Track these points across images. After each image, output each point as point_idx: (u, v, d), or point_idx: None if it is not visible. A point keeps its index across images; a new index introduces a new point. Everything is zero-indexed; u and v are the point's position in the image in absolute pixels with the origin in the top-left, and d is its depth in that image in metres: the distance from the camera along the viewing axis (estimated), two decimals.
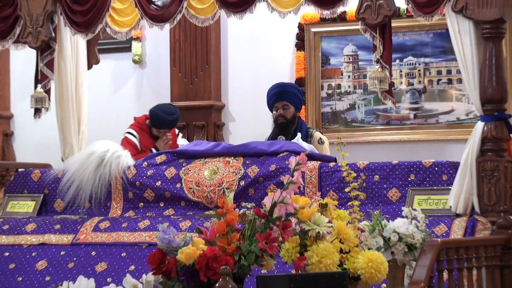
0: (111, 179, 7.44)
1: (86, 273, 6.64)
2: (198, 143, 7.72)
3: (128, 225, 7.07)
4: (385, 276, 5.03)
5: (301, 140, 7.61)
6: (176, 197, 7.22)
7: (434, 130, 9.14)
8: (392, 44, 6.91)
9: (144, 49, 10.17)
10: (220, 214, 4.85)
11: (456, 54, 6.59)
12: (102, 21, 7.59)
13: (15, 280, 6.98)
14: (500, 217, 6.21)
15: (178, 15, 7.40)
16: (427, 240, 5.52)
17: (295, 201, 4.88)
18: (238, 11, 7.25)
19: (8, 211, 7.76)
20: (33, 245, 7.19)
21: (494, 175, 6.39)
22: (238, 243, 4.74)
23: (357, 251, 4.99)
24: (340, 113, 9.47)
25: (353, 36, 9.30)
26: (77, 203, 7.49)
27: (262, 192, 6.89)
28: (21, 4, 7.73)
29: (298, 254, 4.88)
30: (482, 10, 6.41)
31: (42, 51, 7.83)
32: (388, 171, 6.78)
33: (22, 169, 8.09)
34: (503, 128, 6.47)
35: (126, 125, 9.89)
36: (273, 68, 9.55)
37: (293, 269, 4.90)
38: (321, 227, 4.90)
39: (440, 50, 9.12)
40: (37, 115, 7.98)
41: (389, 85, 6.89)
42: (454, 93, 9.10)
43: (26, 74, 9.08)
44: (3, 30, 7.84)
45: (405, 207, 5.72)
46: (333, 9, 7.03)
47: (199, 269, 4.70)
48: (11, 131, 10.57)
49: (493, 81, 6.43)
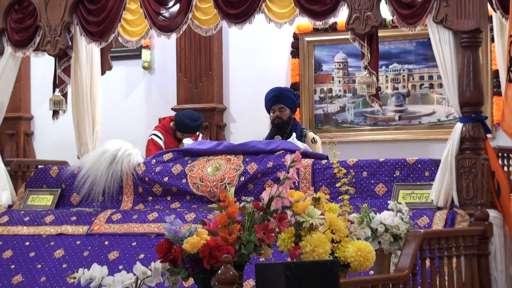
0: (122, 175, 7.44)
1: (100, 261, 6.65)
2: (202, 142, 7.72)
3: (138, 217, 7.07)
4: (372, 263, 5.03)
5: (296, 140, 7.60)
6: (182, 192, 7.22)
7: (417, 130, 9.14)
8: (378, 52, 6.90)
9: (153, 57, 10.17)
10: (222, 207, 4.85)
11: (437, 61, 6.59)
12: (114, 31, 7.59)
13: (34, 267, 6.98)
14: (477, 210, 6.22)
15: (184, 26, 7.40)
16: (411, 231, 5.52)
17: (290, 195, 4.88)
18: (238, 22, 7.25)
19: (29, 204, 7.76)
20: (51, 235, 7.19)
21: (472, 172, 6.39)
22: (238, 234, 4.74)
23: (347, 241, 4.99)
24: (331, 115, 9.47)
25: (343, 45, 9.30)
26: (91, 197, 7.49)
27: (261, 187, 6.89)
28: (40, 15, 7.72)
29: (293, 244, 4.88)
30: (460, 21, 6.41)
31: (60, 58, 7.82)
32: (375, 168, 6.78)
33: (42, 166, 8.09)
34: (480, 129, 6.47)
35: (137, 125, 9.93)
36: (270, 73, 9.54)
37: (288, 258, 4.90)
38: (314, 219, 4.89)
39: (422, 57, 9.12)
40: (55, 116, 7.97)
41: (376, 90, 6.89)
42: (435, 96, 9.10)
43: (45, 79, 9.07)
44: (24, 39, 7.84)
45: (391, 201, 5.73)
46: (325, 20, 7.03)
47: (202, 257, 4.70)
48: (32, 131, 10.56)
49: (470, 86, 6.43)
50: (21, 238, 7.26)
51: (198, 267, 4.75)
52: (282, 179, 4.86)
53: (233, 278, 4.36)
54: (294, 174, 4.90)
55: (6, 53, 7.90)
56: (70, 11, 7.65)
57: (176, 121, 8.49)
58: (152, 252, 6.12)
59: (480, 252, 6.19)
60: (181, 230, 4.88)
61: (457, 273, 5.95)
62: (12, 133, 10.38)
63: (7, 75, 7.94)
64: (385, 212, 5.58)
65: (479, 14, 6.38)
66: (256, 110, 9.10)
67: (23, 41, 7.84)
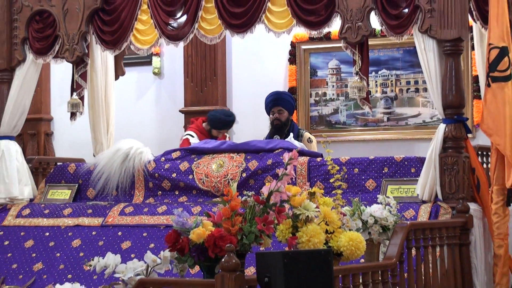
0: (134, 171, 7.44)
1: (114, 250, 6.64)
2: (207, 142, 7.71)
3: (148, 210, 7.07)
4: (363, 252, 5.02)
5: (293, 139, 7.60)
6: (189, 187, 7.22)
7: (404, 130, 9.12)
8: (369, 59, 6.91)
9: (162, 63, 10.16)
10: (225, 201, 4.85)
11: (422, 67, 6.59)
12: (127, 39, 7.59)
13: (54, 255, 6.98)
14: (459, 203, 6.22)
15: (191, 35, 7.40)
16: (398, 223, 5.52)
17: (288, 190, 4.88)
18: (241, 31, 7.25)
19: (49, 198, 7.76)
20: (69, 227, 7.19)
21: (454, 168, 6.39)
22: (240, 225, 4.73)
23: (340, 232, 4.99)
24: (325, 116, 9.46)
25: (336, 52, 9.29)
26: (106, 192, 7.49)
27: (261, 182, 6.89)
28: (59, 25, 7.72)
29: (290, 234, 4.88)
30: (443, 31, 6.41)
31: (77, 64, 7.83)
32: (365, 165, 6.78)
33: (60, 163, 8.09)
34: (461, 129, 6.47)
35: (147, 126, 9.93)
36: (270, 78, 9.53)
37: (286, 247, 4.90)
38: (310, 211, 4.89)
39: (409, 64, 9.11)
40: (72, 118, 7.98)
41: (367, 93, 6.89)
42: (420, 100, 9.09)
43: (63, 83, 9.07)
44: (45, 47, 7.84)
45: (380, 195, 5.73)
46: (320, 30, 7.04)
47: (207, 246, 4.70)
48: (51, 131, 10.56)
49: (453, 90, 6.44)
50: (42, 229, 7.26)
51: (204, 255, 4.74)
52: (280, 175, 4.86)
53: (236, 265, 4.36)
54: (292, 171, 4.90)
55: (28, 60, 7.90)
56: (87, 22, 7.65)
57: (211, 120, 8.40)
58: (162, 242, 6.12)
59: (461, 242, 6.19)
60: (188, 222, 4.88)
61: (440, 261, 5.95)
62: (34, 133, 10.38)
63: (29, 80, 7.94)
64: (374, 205, 5.58)
65: (461, 24, 6.39)
66: (256, 112, 9.09)
67: (44, 49, 7.85)
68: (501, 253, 6.21)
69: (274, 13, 7.09)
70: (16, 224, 7.41)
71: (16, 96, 7.88)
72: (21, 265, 7.00)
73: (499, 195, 6.27)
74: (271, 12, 7.09)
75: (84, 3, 7.65)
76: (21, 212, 7.51)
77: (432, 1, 6.43)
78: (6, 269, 7.03)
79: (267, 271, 4.34)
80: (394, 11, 6.62)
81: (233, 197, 4.81)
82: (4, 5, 7.90)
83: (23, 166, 7.88)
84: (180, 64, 9.92)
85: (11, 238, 7.30)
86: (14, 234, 7.32)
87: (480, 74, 7.22)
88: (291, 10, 6.97)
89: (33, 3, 7.85)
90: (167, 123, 9.95)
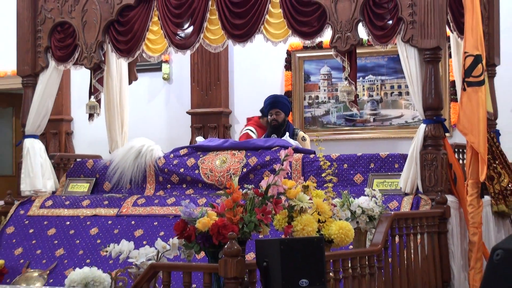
0: (146, 167, 7.44)
1: (127, 237, 6.64)
2: (211, 140, 7.71)
3: (159, 201, 7.06)
4: (352, 239, 5.02)
5: (289, 138, 7.60)
6: (195, 180, 7.22)
7: (388, 130, 9.13)
8: (357, 66, 6.90)
9: (171, 69, 10.16)
10: (228, 193, 4.85)
11: (405, 73, 6.59)
12: (139, 48, 7.59)
13: (74, 242, 6.98)
14: (437, 195, 6.22)
15: (197, 44, 7.40)
16: (383, 213, 5.52)
17: (284, 184, 4.88)
18: (242, 41, 7.25)
19: (69, 190, 7.76)
20: (87, 216, 7.19)
21: (433, 164, 6.39)
22: (241, 215, 4.74)
23: (331, 221, 4.99)
24: (318, 117, 9.46)
25: (327, 60, 9.29)
26: (120, 185, 7.49)
27: (260, 176, 6.89)
28: (79, 35, 7.72)
29: (286, 223, 4.88)
30: (424, 40, 6.41)
31: (95, 71, 7.82)
32: (354, 161, 6.78)
33: (79, 159, 8.09)
34: (439, 129, 6.47)
35: (158, 126, 9.93)
36: (268, 83, 9.53)
37: (283, 235, 4.90)
38: (304, 203, 4.89)
39: (392, 70, 9.11)
40: (90, 118, 7.96)
41: (355, 97, 6.89)
42: (403, 102, 9.09)
43: (82, 87, 9.07)
44: (65, 55, 7.83)
45: (366, 188, 5.72)
46: (313, 39, 7.03)
47: (212, 234, 4.70)
48: (71, 130, 10.56)
49: (432, 94, 6.43)
50: (63, 219, 7.26)
51: (208, 242, 4.74)
52: (277, 170, 4.86)
53: (237, 251, 4.36)
54: (287, 166, 4.90)
55: (50, 66, 7.90)
56: (103, 32, 7.65)
57: (262, 110, 8.50)
58: (171, 230, 6.12)
59: (440, 230, 6.20)
60: (194, 212, 4.88)
61: (421, 247, 5.95)
62: (55, 132, 10.38)
63: (51, 85, 7.94)
64: (362, 197, 5.58)
65: (439, 34, 6.39)
66: (256, 113, 9.08)
67: (64, 57, 7.84)
68: (475, 240, 6.21)
69: (272, 25, 7.08)
70: (40, 214, 7.41)
71: (39, 99, 7.87)
72: (44, 251, 7.00)
73: (473, 188, 6.27)
74: (269, 24, 7.09)
75: (101, 15, 7.64)
76: (45, 203, 7.51)
77: (413, 14, 6.43)
78: (31, 254, 7.03)
79: (265, 257, 4.34)
80: (380, 23, 6.61)
81: (234, 190, 4.81)
82: (29, 17, 7.90)
83: (46, 162, 7.88)
84: (187, 70, 9.92)
85: (36, 226, 7.30)
86: (38, 223, 7.32)
87: (456, 79, 7.22)
88: (287, 21, 6.97)
89: (55, 16, 7.85)
90: (175, 123, 9.95)
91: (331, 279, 4.82)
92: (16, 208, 7.55)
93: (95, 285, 5.40)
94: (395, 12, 6.51)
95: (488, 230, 6.65)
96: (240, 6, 7.15)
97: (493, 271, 2.19)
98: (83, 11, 7.70)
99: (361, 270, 5.12)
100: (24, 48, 7.94)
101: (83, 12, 7.70)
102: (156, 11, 7.50)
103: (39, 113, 7.89)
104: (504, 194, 6.78)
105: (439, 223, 6.17)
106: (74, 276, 5.42)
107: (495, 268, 2.18)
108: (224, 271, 4.38)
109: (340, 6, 6.71)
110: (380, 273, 5.36)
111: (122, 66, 8.19)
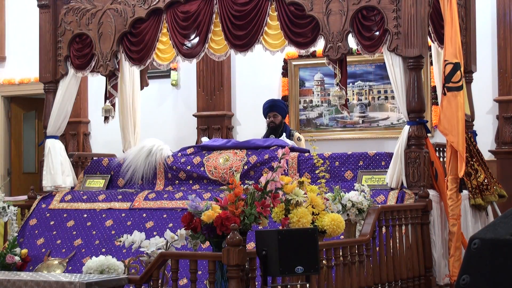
0: (156, 164, 7.43)
1: (139, 228, 6.64)
2: (215, 140, 7.71)
3: (168, 196, 7.06)
4: (343, 230, 5.03)
5: (285, 138, 7.60)
6: (201, 177, 7.22)
7: (376, 131, 9.12)
8: (347, 73, 6.90)
9: (179, 76, 10.15)
10: (230, 188, 4.85)
11: (390, 79, 6.59)
12: (150, 57, 7.58)
13: (90, 233, 6.98)
14: (420, 190, 6.23)
15: (202, 53, 7.40)
16: (371, 206, 5.53)
17: (281, 180, 4.88)
18: (243, 50, 7.25)
19: (86, 186, 7.75)
20: (103, 209, 7.19)
21: (416, 162, 6.39)
22: (243, 208, 4.74)
23: (323, 214, 4.99)
24: (312, 119, 9.45)
25: (320, 67, 9.28)
26: (133, 181, 7.49)
27: (259, 173, 6.88)
28: (95, 45, 7.72)
29: (283, 216, 4.89)
30: (407, 49, 6.41)
31: (110, 77, 7.82)
32: (345, 159, 6.78)
33: (96, 158, 8.08)
34: (422, 130, 6.47)
35: (167, 127, 9.92)
36: (267, 88, 9.52)
37: (280, 226, 4.90)
38: (299, 197, 4.90)
39: (379, 76, 9.10)
40: (106, 121, 7.96)
41: (345, 101, 6.89)
42: (389, 106, 9.08)
43: (98, 92, 9.06)
44: (83, 64, 7.83)
45: (356, 184, 5.73)
46: (307, 49, 7.04)
47: (216, 226, 4.70)
48: (89, 131, 10.55)
49: (415, 98, 6.43)
50: (81, 212, 7.26)
51: (213, 233, 4.74)
52: (275, 168, 4.86)
53: (239, 241, 4.36)
54: (284, 164, 4.90)
55: (69, 74, 7.89)
56: (117, 43, 7.64)
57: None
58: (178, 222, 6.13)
59: (422, 221, 6.20)
60: (200, 205, 4.88)
61: (405, 237, 5.95)
62: (74, 133, 10.38)
63: (70, 90, 7.93)
64: (352, 192, 5.59)
65: (421, 44, 6.39)
66: (256, 115, 9.09)
67: (82, 65, 7.84)
68: (454, 230, 6.21)
69: (270, 36, 7.08)
70: (60, 208, 7.40)
71: (60, 103, 7.87)
72: (64, 241, 7.00)
73: (453, 183, 6.27)
74: (268, 35, 7.09)
75: (115, 27, 7.64)
76: (64, 198, 7.51)
77: (398, 26, 6.43)
78: (51, 244, 7.03)
79: (264, 246, 4.34)
80: (368, 34, 6.61)
81: (236, 185, 4.81)
82: (50, 29, 7.90)
83: (66, 160, 7.88)
84: (193, 77, 9.91)
85: (56, 219, 7.29)
86: (58, 215, 7.32)
87: (437, 84, 7.21)
88: (283, 33, 6.97)
89: (74, 28, 7.85)
90: (182, 125, 9.94)
91: (324, 266, 4.82)
92: (38, 202, 7.55)
93: (110, 272, 5.40)
94: (382, 24, 6.51)
95: (466, 222, 6.65)
96: (241, 19, 7.15)
97: (471, 258, 2.20)
98: (99, 24, 7.70)
99: (351, 258, 5.13)
100: (46, 57, 7.94)
101: (99, 24, 7.70)
102: (165, 24, 7.50)
103: (59, 116, 7.89)
104: (481, 188, 6.78)
105: (422, 215, 6.18)
106: (91, 264, 5.42)
107: (473, 256, 2.20)
108: (227, 259, 4.38)
109: (331, 18, 6.72)
110: (368, 260, 5.36)
111: (134, 73, 8.18)
